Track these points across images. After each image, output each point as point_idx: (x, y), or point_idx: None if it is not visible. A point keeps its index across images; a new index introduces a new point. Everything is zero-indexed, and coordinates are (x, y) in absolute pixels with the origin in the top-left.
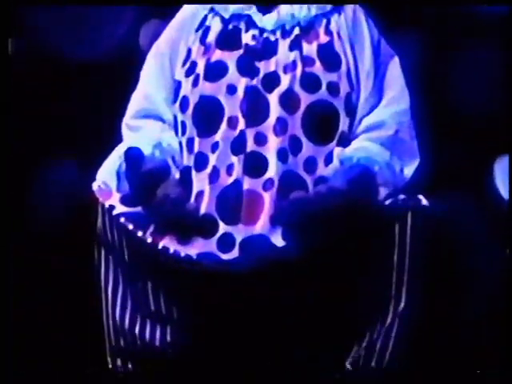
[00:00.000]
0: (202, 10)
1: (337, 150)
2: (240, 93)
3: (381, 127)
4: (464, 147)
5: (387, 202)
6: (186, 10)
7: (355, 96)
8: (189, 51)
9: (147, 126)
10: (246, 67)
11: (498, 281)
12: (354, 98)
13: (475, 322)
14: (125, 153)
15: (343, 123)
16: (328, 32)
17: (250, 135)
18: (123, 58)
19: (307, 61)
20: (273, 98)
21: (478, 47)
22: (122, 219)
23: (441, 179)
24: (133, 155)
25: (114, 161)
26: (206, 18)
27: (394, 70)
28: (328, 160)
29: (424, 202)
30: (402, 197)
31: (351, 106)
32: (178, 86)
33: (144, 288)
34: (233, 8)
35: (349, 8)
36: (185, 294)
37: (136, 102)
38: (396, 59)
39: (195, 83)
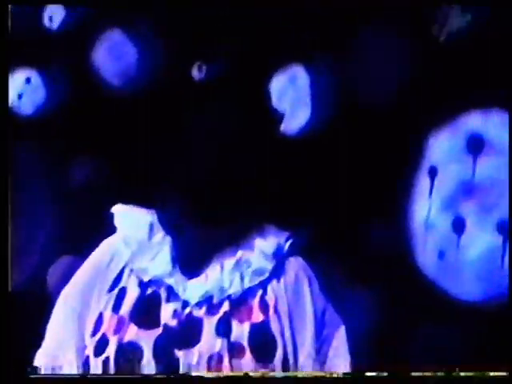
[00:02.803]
0: (119, 260)
1: None
2: None
3: None
4: None
5: None
6: (101, 254)
7: None
8: (99, 319)
9: None
10: (164, 355)
11: None
12: None
13: None
14: None
15: None
16: (263, 306)
17: None
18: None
19: (235, 349)
20: None
21: None
22: None
23: None
24: None
25: None
26: (122, 273)
27: (339, 342)
28: None
29: None
30: None
31: None
32: (85, 361)
33: None
34: (153, 270)
35: (291, 271)
36: None
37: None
38: (342, 329)
39: (105, 367)
